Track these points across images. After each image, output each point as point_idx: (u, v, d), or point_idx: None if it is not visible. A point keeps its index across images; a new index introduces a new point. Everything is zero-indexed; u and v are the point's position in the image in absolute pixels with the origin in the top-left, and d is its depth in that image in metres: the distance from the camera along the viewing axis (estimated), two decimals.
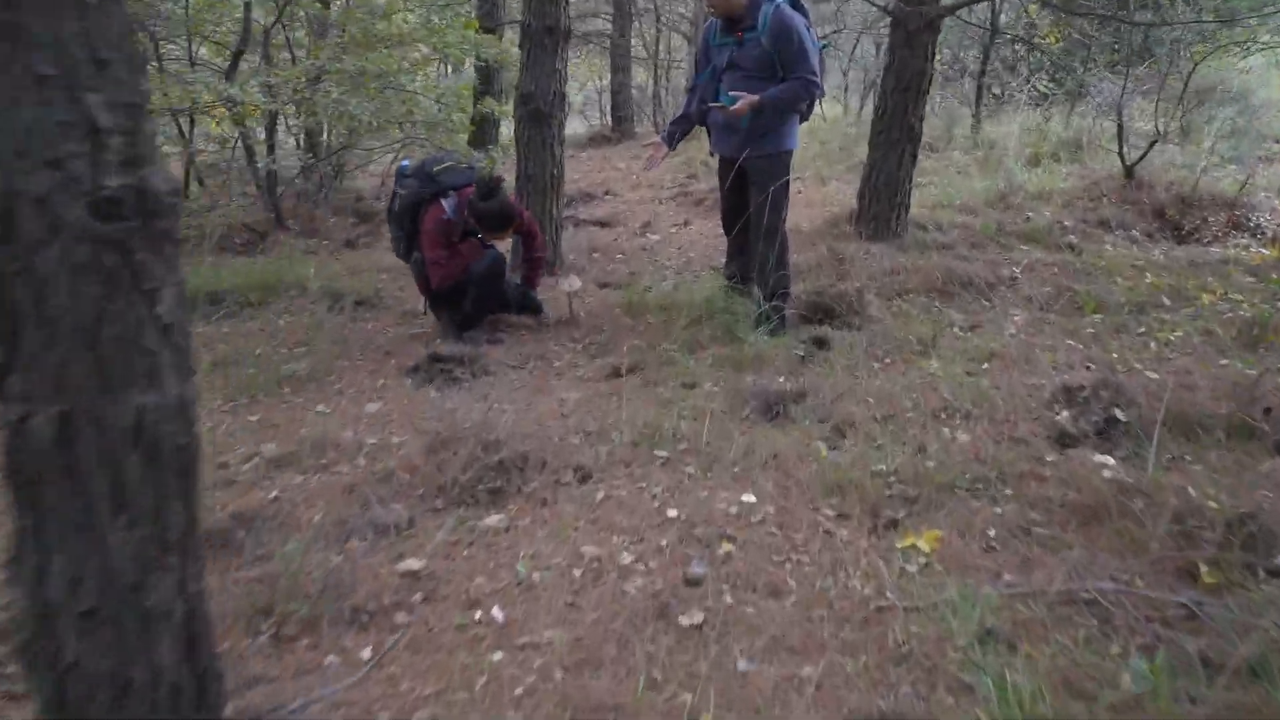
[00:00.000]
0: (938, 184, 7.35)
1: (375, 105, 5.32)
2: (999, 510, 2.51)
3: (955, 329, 4.03)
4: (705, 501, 2.62)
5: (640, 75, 16.94)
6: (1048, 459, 2.78)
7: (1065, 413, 3.05)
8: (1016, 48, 11.30)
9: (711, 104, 3.91)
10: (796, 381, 3.48)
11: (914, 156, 5.48)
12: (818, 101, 4.09)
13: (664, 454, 2.94)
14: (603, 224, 7.16)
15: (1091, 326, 3.95)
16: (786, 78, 3.80)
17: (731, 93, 3.80)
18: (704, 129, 4.24)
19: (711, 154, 4.27)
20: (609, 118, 14.32)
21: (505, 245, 5.24)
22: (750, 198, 4.03)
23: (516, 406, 3.45)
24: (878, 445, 2.93)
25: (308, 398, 3.72)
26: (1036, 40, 10.13)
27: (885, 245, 5.39)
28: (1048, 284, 4.56)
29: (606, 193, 8.55)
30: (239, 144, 7.50)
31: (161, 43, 8.94)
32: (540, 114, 4.97)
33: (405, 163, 4.24)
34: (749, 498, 2.62)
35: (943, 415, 3.13)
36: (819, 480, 2.71)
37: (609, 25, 13.02)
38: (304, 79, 5.40)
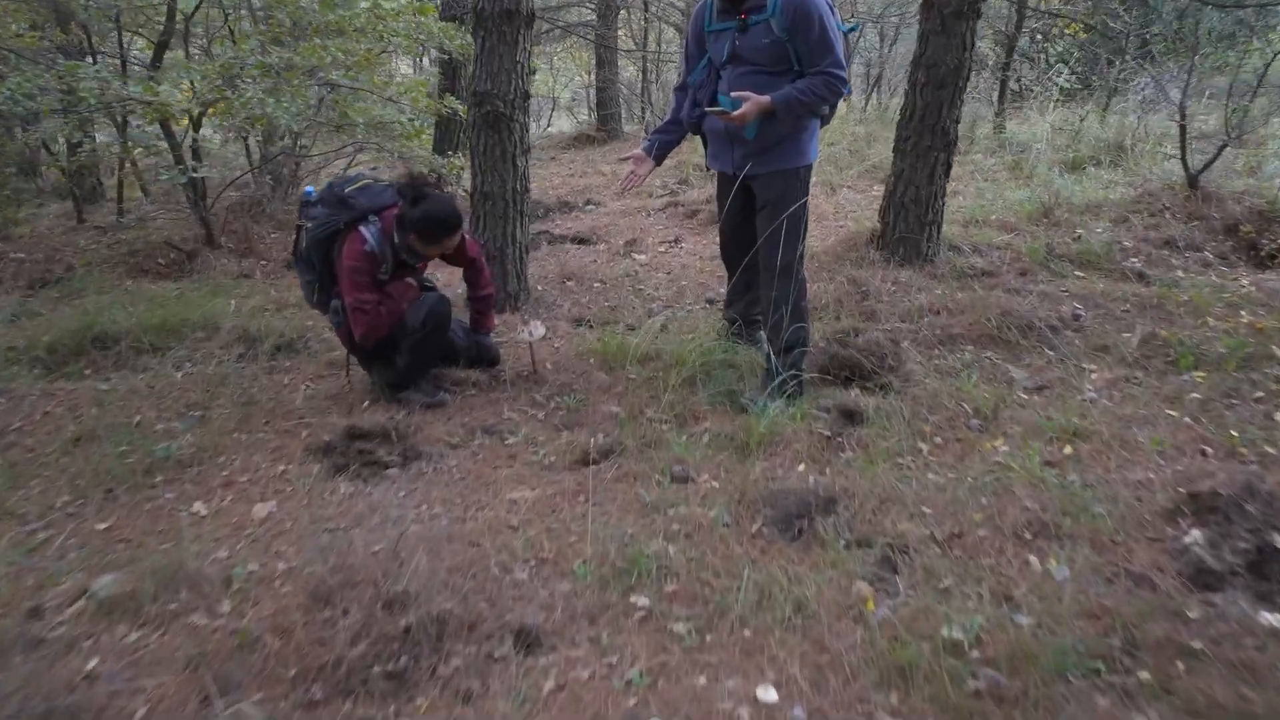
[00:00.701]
0: (965, 194, 6.56)
1: (299, 106, 4.49)
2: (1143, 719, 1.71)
3: (1019, 392, 3.24)
4: (703, 696, 1.82)
5: (629, 70, 16.16)
6: (1190, 615, 1.98)
7: (1197, 533, 2.26)
8: (1038, 37, 10.52)
9: (708, 108, 3.10)
10: (822, 474, 2.68)
11: (948, 166, 4.69)
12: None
13: (644, 602, 2.14)
14: (581, 240, 6.35)
15: (1194, 389, 3.16)
16: (805, 72, 3.00)
17: (734, 94, 2.99)
18: (699, 137, 3.43)
19: (708, 169, 3.47)
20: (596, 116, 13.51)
21: (444, 281, 4.42)
22: (758, 225, 3.23)
23: (450, 512, 2.64)
24: (944, 588, 2.13)
25: (184, 492, 2.90)
26: (1071, 21, 9.34)
27: (915, 273, 4.60)
28: (1123, 326, 3.77)
29: (588, 202, 7.74)
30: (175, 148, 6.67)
31: (97, 37, 8.15)
32: (498, 117, 4.16)
33: (310, 189, 3.42)
34: (768, 694, 1.82)
35: (1027, 534, 2.33)
36: (867, 657, 1.91)
37: (593, 16, 12.21)
38: (219, 75, 4.57)
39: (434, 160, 6.61)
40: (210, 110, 4.79)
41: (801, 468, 2.77)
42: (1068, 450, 2.77)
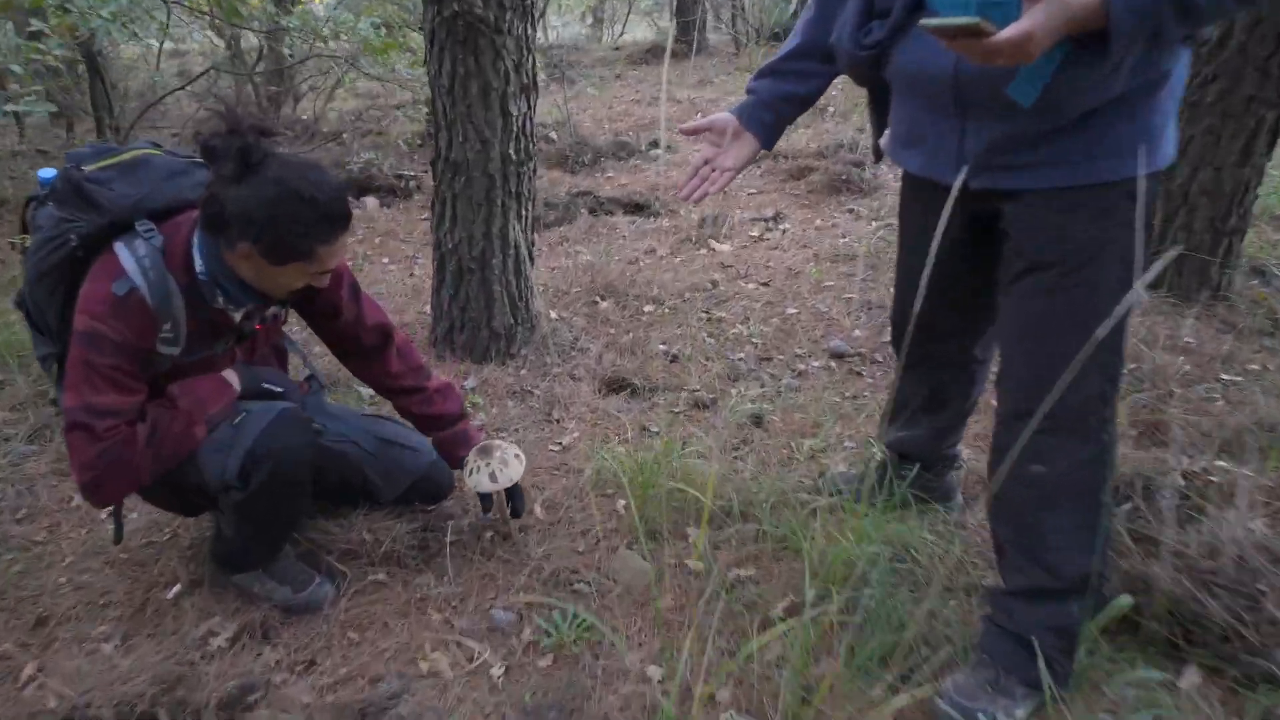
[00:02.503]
0: None
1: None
2: None
3: None
4: None
5: None
6: None
7: None
8: None
9: (924, 21, 1.26)
10: None
11: (1275, 134, 2.77)
12: None
13: None
14: (635, 207, 4.56)
15: None
16: None
17: None
18: (865, 90, 1.60)
19: (878, 161, 1.65)
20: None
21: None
22: (1005, 303, 1.44)
23: None
24: None
25: None
26: None
27: (1206, 322, 2.74)
28: None
29: (653, 144, 5.90)
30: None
31: None
32: (473, 25, 2.39)
33: (45, 173, 1.72)
34: None
35: None
36: None
37: None
38: None
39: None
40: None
41: None
42: None
